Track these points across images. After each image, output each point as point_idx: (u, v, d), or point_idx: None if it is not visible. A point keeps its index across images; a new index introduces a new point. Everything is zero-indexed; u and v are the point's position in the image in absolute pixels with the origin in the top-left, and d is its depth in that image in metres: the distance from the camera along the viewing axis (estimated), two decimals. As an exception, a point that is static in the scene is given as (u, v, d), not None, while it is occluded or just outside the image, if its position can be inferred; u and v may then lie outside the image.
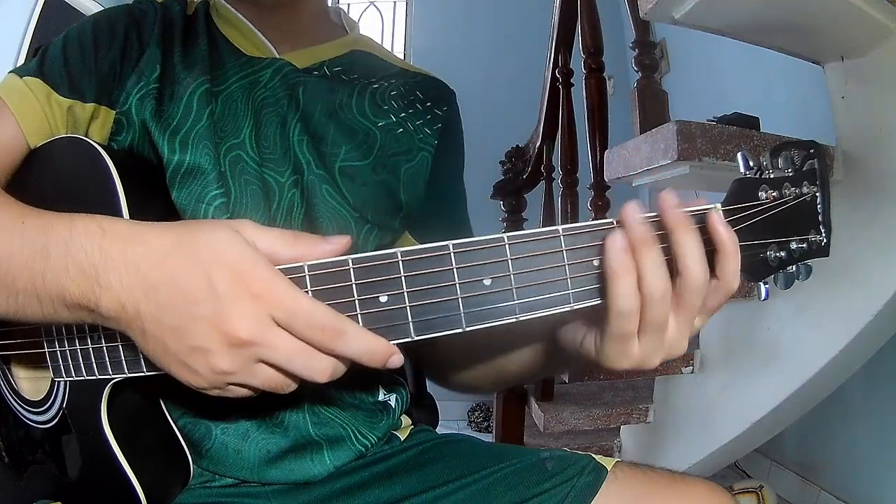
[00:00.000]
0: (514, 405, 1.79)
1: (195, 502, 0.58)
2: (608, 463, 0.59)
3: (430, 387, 0.86)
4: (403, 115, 0.67)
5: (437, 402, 0.86)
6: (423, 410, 0.79)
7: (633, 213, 0.39)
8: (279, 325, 0.38)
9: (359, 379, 0.66)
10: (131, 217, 0.49)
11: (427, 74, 0.74)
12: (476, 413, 3.12)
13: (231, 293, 0.37)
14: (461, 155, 0.74)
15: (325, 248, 0.40)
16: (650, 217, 0.40)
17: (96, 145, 0.52)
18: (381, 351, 0.39)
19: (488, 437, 2.29)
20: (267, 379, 0.40)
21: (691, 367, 1.50)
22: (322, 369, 0.39)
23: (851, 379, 1.33)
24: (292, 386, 0.41)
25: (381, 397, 0.67)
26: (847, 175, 1.16)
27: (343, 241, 0.41)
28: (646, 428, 1.65)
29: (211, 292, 0.37)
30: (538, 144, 2.01)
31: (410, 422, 0.72)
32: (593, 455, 0.60)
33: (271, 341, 0.38)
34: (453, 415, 3.07)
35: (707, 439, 1.47)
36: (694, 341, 1.53)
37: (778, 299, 1.31)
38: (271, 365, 0.39)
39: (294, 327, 0.38)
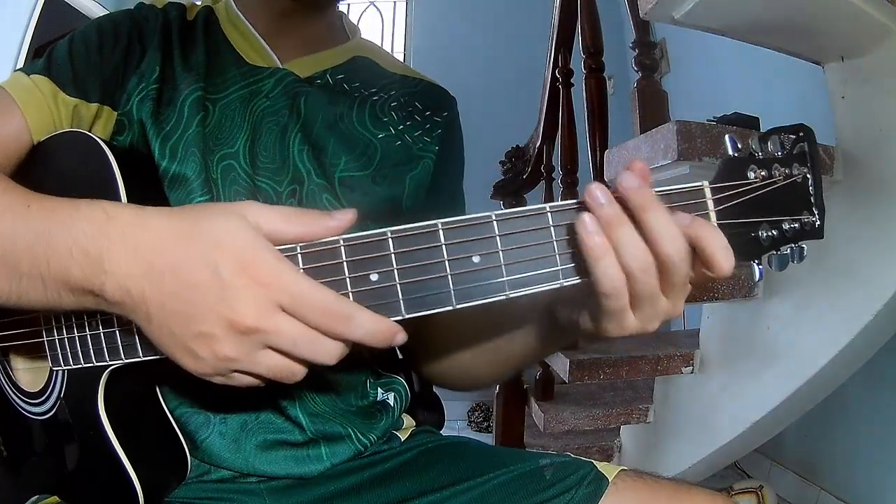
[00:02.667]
0: (514, 405, 1.79)
1: (191, 496, 0.58)
2: (611, 471, 0.58)
3: (435, 386, 0.86)
4: (402, 127, 0.67)
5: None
6: (429, 411, 0.79)
7: (596, 194, 0.39)
8: (285, 311, 0.38)
9: (356, 377, 0.66)
10: None
11: (428, 81, 0.74)
12: (476, 413, 3.12)
13: (237, 280, 0.38)
14: (461, 159, 0.74)
15: (331, 225, 0.40)
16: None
17: (98, 140, 0.52)
18: (386, 331, 0.39)
19: (488, 438, 2.29)
20: (272, 366, 0.40)
21: (691, 367, 1.51)
22: (329, 352, 0.39)
23: (851, 379, 1.33)
24: (298, 375, 0.41)
25: (379, 397, 0.67)
26: (847, 175, 1.16)
27: (348, 215, 0.41)
28: (646, 428, 1.66)
29: (216, 279, 0.38)
30: (538, 144, 2.01)
31: (414, 422, 0.72)
32: (595, 463, 0.59)
33: (277, 327, 0.38)
34: (453, 415, 3.08)
35: (707, 439, 1.47)
36: (694, 341, 1.54)
37: (778, 298, 1.31)
38: (277, 350, 0.39)
39: (300, 313, 0.38)
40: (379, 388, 0.67)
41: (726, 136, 0.43)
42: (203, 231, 0.39)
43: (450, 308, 0.40)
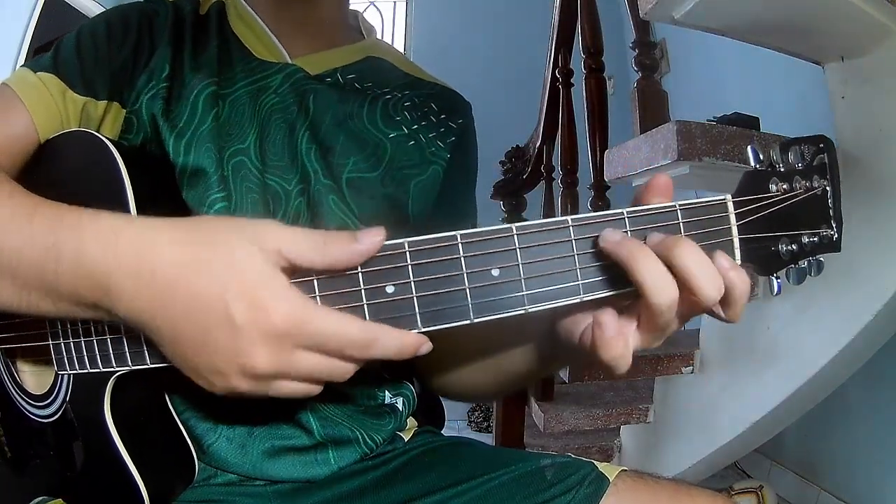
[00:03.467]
0: (514, 405, 1.79)
1: (197, 499, 0.58)
2: (612, 471, 0.58)
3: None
4: (416, 127, 0.66)
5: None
6: (429, 411, 0.79)
7: (609, 236, 0.39)
8: (304, 349, 0.37)
9: (365, 383, 0.65)
10: (138, 213, 0.48)
11: (443, 85, 0.73)
12: (476, 413, 3.12)
13: (249, 325, 0.36)
14: (474, 168, 0.73)
15: (359, 251, 0.38)
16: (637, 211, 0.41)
17: (106, 140, 0.51)
18: (411, 345, 0.38)
19: (488, 438, 2.29)
20: (288, 392, 0.39)
21: (691, 367, 1.51)
22: (347, 373, 0.39)
23: (851, 379, 1.33)
24: (313, 393, 0.40)
25: (388, 400, 0.67)
26: (847, 175, 1.14)
27: (376, 238, 0.38)
28: (646, 428, 1.66)
29: (228, 322, 0.36)
30: (538, 144, 2.01)
31: (416, 423, 0.72)
32: (596, 463, 0.59)
33: (292, 366, 0.37)
34: (453, 415, 3.07)
35: (707, 439, 1.47)
36: (694, 341, 1.53)
37: (778, 299, 1.31)
38: (293, 379, 0.39)
39: (324, 349, 0.38)
40: (387, 391, 0.67)
41: (748, 147, 0.43)
42: (213, 262, 0.37)
43: (467, 322, 0.39)
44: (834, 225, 0.42)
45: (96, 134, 0.53)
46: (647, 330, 0.41)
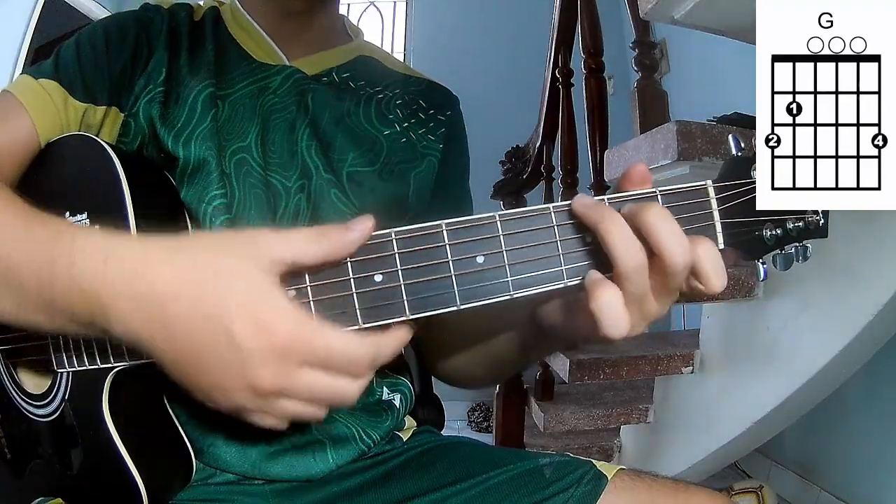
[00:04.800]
0: (514, 405, 1.79)
1: (195, 499, 0.58)
2: (610, 470, 0.58)
3: (435, 387, 0.86)
4: (406, 124, 0.68)
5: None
6: (429, 411, 0.79)
7: (581, 201, 0.40)
8: (310, 366, 0.37)
9: None
10: (136, 216, 0.49)
11: (430, 81, 0.75)
12: (476, 413, 3.13)
13: (253, 345, 0.36)
14: (466, 159, 0.74)
15: (353, 238, 0.38)
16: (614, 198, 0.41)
17: (104, 144, 0.52)
18: (405, 338, 0.40)
19: (488, 438, 2.29)
20: (292, 412, 0.39)
21: (691, 367, 1.51)
22: (352, 395, 0.39)
23: (851, 379, 1.33)
24: (316, 417, 0.40)
25: (385, 397, 0.67)
26: (847, 175, 1.15)
27: (367, 225, 0.39)
28: (646, 428, 1.66)
29: (231, 343, 0.36)
30: (538, 144, 2.01)
31: (415, 422, 0.73)
32: (594, 462, 0.60)
33: (297, 383, 0.37)
34: (453, 415, 3.08)
35: (707, 439, 1.47)
36: (694, 341, 1.54)
37: (778, 298, 1.31)
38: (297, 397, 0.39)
39: (328, 366, 0.38)
40: (385, 388, 0.68)
41: (730, 136, 0.43)
42: (211, 281, 0.37)
43: (454, 308, 0.40)
44: (820, 210, 0.41)
45: (94, 137, 0.54)
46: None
